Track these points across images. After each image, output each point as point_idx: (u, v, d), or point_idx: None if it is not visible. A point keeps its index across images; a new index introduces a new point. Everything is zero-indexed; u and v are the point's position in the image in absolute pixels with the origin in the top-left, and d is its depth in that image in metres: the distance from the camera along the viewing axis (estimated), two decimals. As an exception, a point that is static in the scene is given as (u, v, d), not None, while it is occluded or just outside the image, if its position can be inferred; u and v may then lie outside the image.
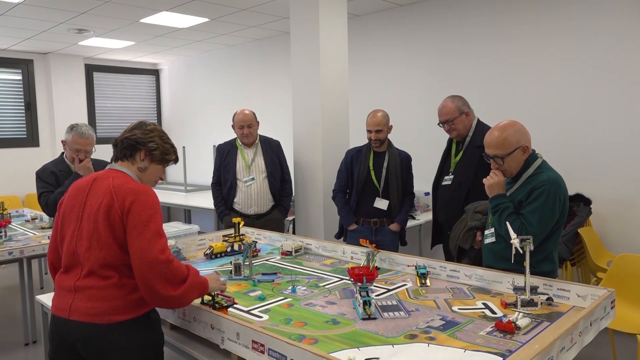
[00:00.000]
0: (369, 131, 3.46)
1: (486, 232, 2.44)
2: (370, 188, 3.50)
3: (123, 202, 1.70)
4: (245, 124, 3.81)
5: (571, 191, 4.10)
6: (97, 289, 1.69)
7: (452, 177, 3.10)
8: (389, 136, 3.53)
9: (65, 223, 1.83)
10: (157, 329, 1.82)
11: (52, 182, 3.29)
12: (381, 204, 3.49)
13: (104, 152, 9.06)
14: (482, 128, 3.07)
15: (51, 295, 2.60)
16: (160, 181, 2.03)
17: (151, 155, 1.90)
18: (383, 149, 3.51)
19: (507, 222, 2.15)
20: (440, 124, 3.11)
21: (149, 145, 1.89)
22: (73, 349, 1.73)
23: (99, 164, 3.40)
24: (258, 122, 3.93)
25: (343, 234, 3.66)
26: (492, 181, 2.34)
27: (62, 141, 3.28)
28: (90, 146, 3.27)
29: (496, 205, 2.31)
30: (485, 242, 2.44)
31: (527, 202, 2.23)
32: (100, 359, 1.69)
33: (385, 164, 3.49)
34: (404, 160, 3.55)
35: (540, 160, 2.31)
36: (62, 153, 3.41)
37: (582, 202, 4.03)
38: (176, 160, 2.02)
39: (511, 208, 2.26)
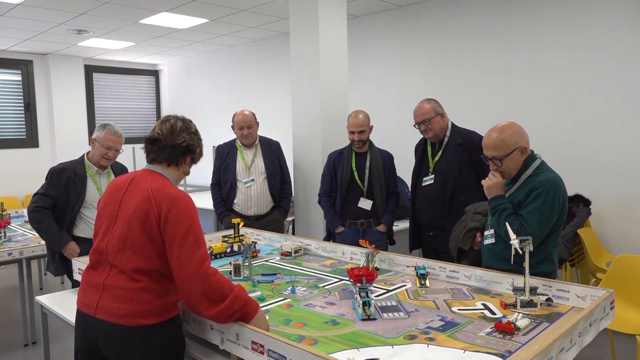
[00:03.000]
0: (351, 132, 3.46)
1: (486, 232, 2.44)
2: (354, 189, 3.50)
3: (160, 209, 1.67)
4: (245, 125, 3.81)
5: (570, 192, 4.11)
6: (126, 290, 1.67)
7: (432, 177, 3.13)
8: (371, 136, 3.56)
9: (99, 220, 1.83)
10: (180, 334, 1.79)
11: (55, 193, 3.13)
12: (365, 204, 3.48)
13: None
14: (458, 129, 3.14)
15: (51, 295, 2.61)
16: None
17: (194, 160, 1.91)
18: (364, 149, 3.52)
19: (507, 223, 2.15)
20: (416, 125, 3.14)
21: (196, 150, 1.88)
22: (95, 346, 1.71)
23: (116, 166, 3.40)
24: (258, 123, 3.93)
25: (331, 238, 3.66)
26: (491, 182, 2.34)
27: (92, 139, 3.22)
28: (120, 145, 3.25)
29: (495, 207, 2.31)
30: (484, 243, 2.45)
31: (526, 202, 2.23)
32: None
33: (367, 164, 3.50)
34: (386, 160, 3.56)
35: (539, 161, 2.32)
36: (84, 154, 3.30)
37: (581, 203, 4.03)
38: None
39: (510, 209, 2.26)
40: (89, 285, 1.77)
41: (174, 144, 1.83)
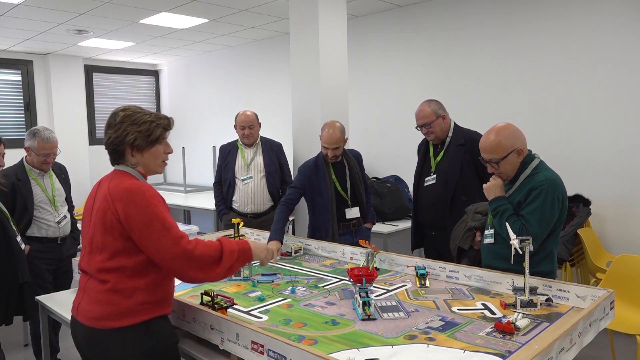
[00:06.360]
0: (325, 148, 3.26)
1: (485, 232, 2.45)
2: (339, 200, 3.38)
3: (117, 205, 1.66)
4: (247, 125, 3.84)
5: (570, 192, 4.11)
6: (96, 292, 1.70)
7: (434, 177, 3.13)
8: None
9: (82, 228, 1.87)
10: (159, 339, 1.73)
11: (4, 197, 3.01)
12: (353, 212, 3.40)
13: (103, 154, 9.04)
14: (460, 129, 3.14)
15: (51, 295, 2.62)
16: (168, 157, 1.87)
17: (137, 147, 1.76)
18: (339, 159, 3.39)
19: (507, 223, 2.15)
20: (418, 128, 3.14)
21: (127, 140, 1.75)
22: (81, 348, 1.77)
23: (55, 165, 3.36)
24: (260, 123, 3.96)
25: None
26: (490, 184, 2.36)
27: (26, 147, 3.18)
28: (56, 148, 3.22)
29: (496, 208, 2.31)
30: (484, 242, 2.45)
31: (526, 203, 2.23)
32: None
33: (347, 175, 3.38)
34: (359, 161, 3.50)
35: (538, 161, 2.32)
36: (23, 159, 3.27)
37: (581, 203, 4.03)
38: (168, 126, 1.83)
39: (511, 210, 2.26)
40: (79, 288, 1.82)
41: (106, 144, 1.81)
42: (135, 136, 1.75)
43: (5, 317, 2.77)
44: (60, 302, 2.52)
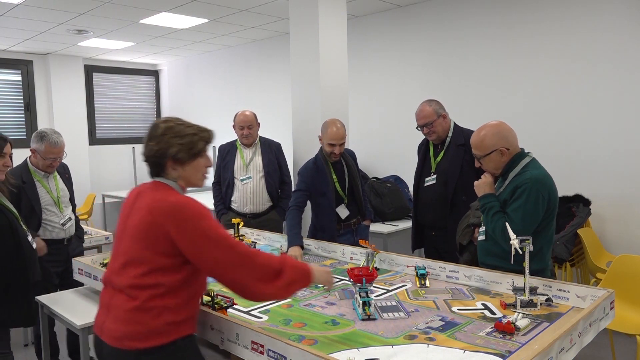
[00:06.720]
0: (331, 145, 3.20)
1: (480, 229, 2.49)
2: (339, 199, 3.38)
3: (164, 220, 1.59)
4: (246, 125, 3.84)
5: (570, 192, 4.12)
6: (123, 310, 1.61)
7: (434, 177, 3.13)
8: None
9: (115, 239, 1.78)
10: (189, 356, 1.68)
11: (14, 198, 2.97)
12: (343, 212, 3.35)
13: (103, 154, 8.99)
14: (460, 129, 3.15)
15: (51, 295, 2.62)
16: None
17: (179, 160, 1.71)
18: (338, 158, 3.36)
19: (506, 223, 2.16)
20: (419, 128, 3.15)
21: (170, 153, 1.70)
22: None
23: (59, 166, 3.30)
24: (259, 123, 3.96)
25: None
26: (481, 181, 2.42)
27: (32, 149, 3.13)
28: (63, 153, 3.17)
29: (483, 205, 2.37)
30: (478, 239, 2.49)
31: (511, 200, 2.27)
32: None
33: (346, 175, 3.36)
34: (354, 160, 3.48)
35: (529, 159, 2.34)
36: (27, 160, 3.23)
37: (581, 203, 4.02)
38: (210, 139, 1.78)
39: (497, 207, 2.30)
40: (101, 304, 1.73)
41: (147, 156, 1.75)
42: (178, 149, 1.70)
43: (27, 318, 2.57)
44: (61, 302, 2.53)
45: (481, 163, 2.38)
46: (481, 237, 2.44)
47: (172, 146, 1.70)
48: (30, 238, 2.64)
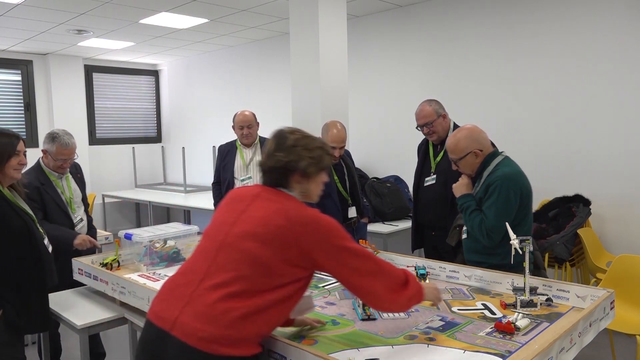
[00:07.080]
0: (332, 147, 3.17)
1: (464, 228, 2.58)
2: (341, 200, 3.41)
3: (299, 230, 1.52)
4: (245, 125, 3.84)
5: (570, 192, 4.12)
6: (214, 308, 1.44)
7: (434, 177, 3.15)
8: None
9: (211, 226, 1.67)
10: None
11: (38, 199, 2.99)
12: (352, 211, 3.44)
13: (103, 154, 8.96)
14: None
15: (51, 296, 2.57)
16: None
17: (307, 174, 1.65)
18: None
19: (507, 224, 2.17)
20: (419, 128, 3.16)
21: (300, 166, 1.63)
22: None
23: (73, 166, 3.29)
24: (258, 123, 3.96)
25: None
26: (459, 183, 2.55)
27: (44, 150, 3.10)
28: (74, 154, 3.16)
29: (461, 205, 2.50)
30: (462, 238, 2.59)
31: (485, 198, 2.39)
32: None
33: (346, 176, 3.40)
34: (351, 160, 3.51)
35: (501, 158, 2.45)
36: (39, 161, 3.18)
37: (581, 203, 4.02)
38: (329, 154, 1.75)
39: (474, 206, 2.44)
40: (171, 294, 1.54)
41: (272, 167, 1.66)
42: (308, 163, 1.65)
43: (44, 323, 2.46)
44: (61, 302, 2.52)
45: (458, 166, 2.51)
46: (464, 236, 2.56)
47: (302, 159, 1.64)
48: (46, 241, 2.56)
